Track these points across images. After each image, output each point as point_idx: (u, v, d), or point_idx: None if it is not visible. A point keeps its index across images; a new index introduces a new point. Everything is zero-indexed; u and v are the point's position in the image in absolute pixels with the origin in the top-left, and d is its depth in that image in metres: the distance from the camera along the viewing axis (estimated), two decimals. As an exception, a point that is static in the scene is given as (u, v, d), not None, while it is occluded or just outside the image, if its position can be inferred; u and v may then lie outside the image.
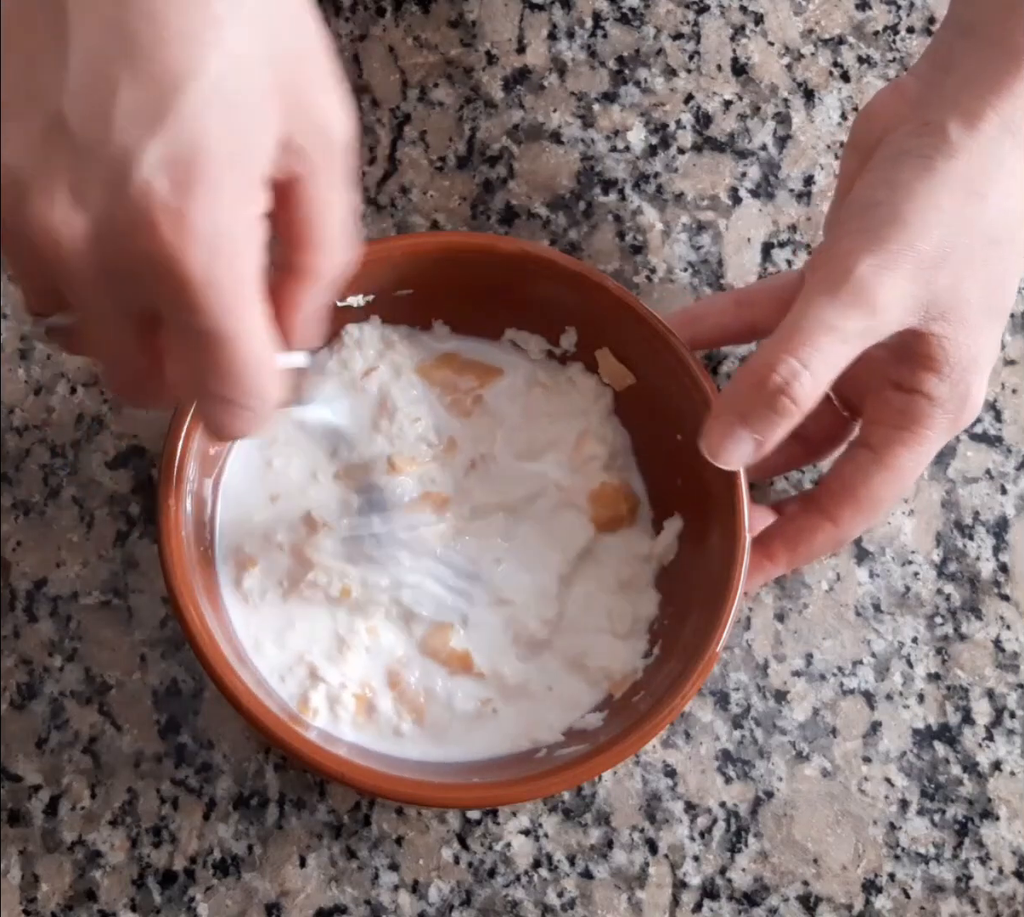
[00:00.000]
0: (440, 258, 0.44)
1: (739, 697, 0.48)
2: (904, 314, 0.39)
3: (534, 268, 0.44)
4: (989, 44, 0.40)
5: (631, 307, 0.44)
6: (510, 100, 0.53)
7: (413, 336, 0.48)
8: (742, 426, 0.39)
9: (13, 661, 0.47)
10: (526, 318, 0.47)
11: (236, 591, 0.45)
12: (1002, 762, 0.48)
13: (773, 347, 0.38)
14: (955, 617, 0.49)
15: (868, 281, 0.38)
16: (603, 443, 0.47)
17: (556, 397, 0.47)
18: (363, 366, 0.47)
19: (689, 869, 0.47)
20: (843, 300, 0.38)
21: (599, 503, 0.46)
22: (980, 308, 0.40)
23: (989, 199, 0.39)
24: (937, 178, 0.39)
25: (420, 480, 0.47)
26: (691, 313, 0.46)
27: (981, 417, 0.51)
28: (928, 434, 0.41)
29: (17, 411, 0.49)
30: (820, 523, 0.43)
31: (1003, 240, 0.40)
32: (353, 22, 0.53)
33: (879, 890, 0.47)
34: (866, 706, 0.49)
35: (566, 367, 0.47)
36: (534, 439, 0.47)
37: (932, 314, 0.39)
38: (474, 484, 0.47)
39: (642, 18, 0.53)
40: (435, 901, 0.47)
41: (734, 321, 0.45)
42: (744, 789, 0.48)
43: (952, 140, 0.39)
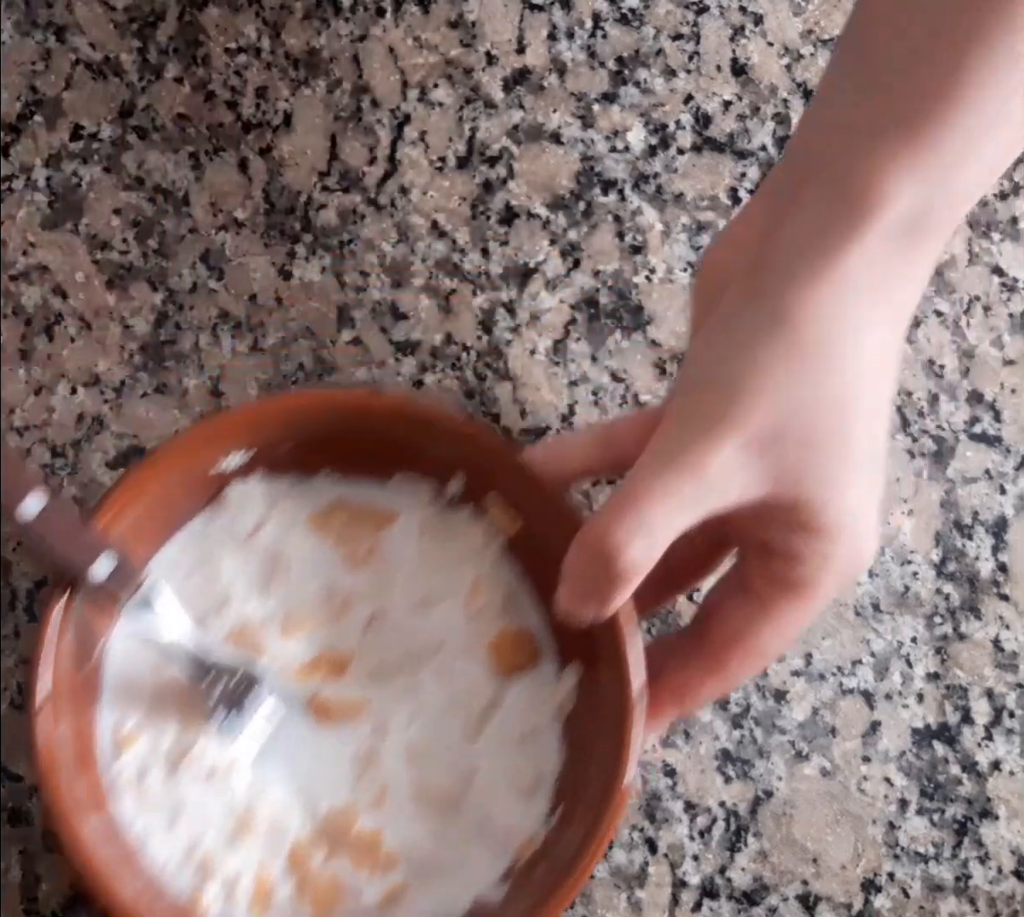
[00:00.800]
0: (318, 414, 0.44)
1: (738, 697, 0.48)
2: (747, 484, 0.37)
3: (412, 423, 0.44)
4: (827, 193, 0.37)
5: (509, 457, 0.43)
6: (510, 100, 0.53)
7: (301, 485, 0.46)
8: (583, 594, 0.39)
9: (13, 661, 0.47)
10: (413, 463, 0.45)
11: (121, 772, 0.43)
12: (1001, 762, 0.49)
13: (608, 513, 0.38)
14: (954, 617, 0.49)
15: (701, 453, 0.37)
16: (498, 588, 0.45)
17: (449, 542, 0.46)
18: (250, 524, 0.46)
19: (689, 868, 0.47)
20: (676, 470, 0.37)
21: (499, 651, 0.45)
22: (841, 467, 0.38)
23: (831, 364, 0.37)
24: (774, 347, 0.37)
25: (315, 641, 0.45)
26: (555, 450, 0.44)
27: (980, 417, 0.51)
28: (816, 592, 0.40)
29: (17, 411, 0.49)
30: (707, 675, 0.42)
31: (852, 401, 0.38)
32: (353, 22, 0.53)
33: (878, 889, 0.47)
34: (865, 706, 0.49)
35: (457, 511, 0.46)
36: (430, 587, 0.45)
37: (788, 481, 0.38)
38: (372, 640, 0.45)
39: (642, 19, 0.53)
40: (435, 900, 0.47)
41: (599, 460, 0.43)
42: (743, 788, 0.48)
43: (788, 304, 0.37)
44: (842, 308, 0.37)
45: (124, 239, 0.51)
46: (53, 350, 0.50)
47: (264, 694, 0.44)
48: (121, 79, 0.52)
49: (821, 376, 0.37)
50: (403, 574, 0.46)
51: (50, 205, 0.51)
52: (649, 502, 0.37)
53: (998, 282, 0.52)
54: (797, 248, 0.37)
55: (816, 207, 0.37)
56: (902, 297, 0.38)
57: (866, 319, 0.37)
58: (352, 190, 0.52)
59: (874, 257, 0.36)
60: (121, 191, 0.51)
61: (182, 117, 0.52)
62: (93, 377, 0.50)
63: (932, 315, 0.51)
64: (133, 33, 0.52)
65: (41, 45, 0.52)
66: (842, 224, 0.36)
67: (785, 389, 0.37)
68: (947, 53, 0.36)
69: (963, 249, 0.52)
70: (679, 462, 0.37)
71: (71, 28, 0.52)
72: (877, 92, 0.37)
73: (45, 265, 0.51)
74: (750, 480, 0.37)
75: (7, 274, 0.50)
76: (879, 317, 0.37)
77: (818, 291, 0.37)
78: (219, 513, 0.46)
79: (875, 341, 0.38)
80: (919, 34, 0.36)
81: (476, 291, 0.51)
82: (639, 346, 0.51)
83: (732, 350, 0.38)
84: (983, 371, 0.51)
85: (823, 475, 0.38)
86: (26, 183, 0.51)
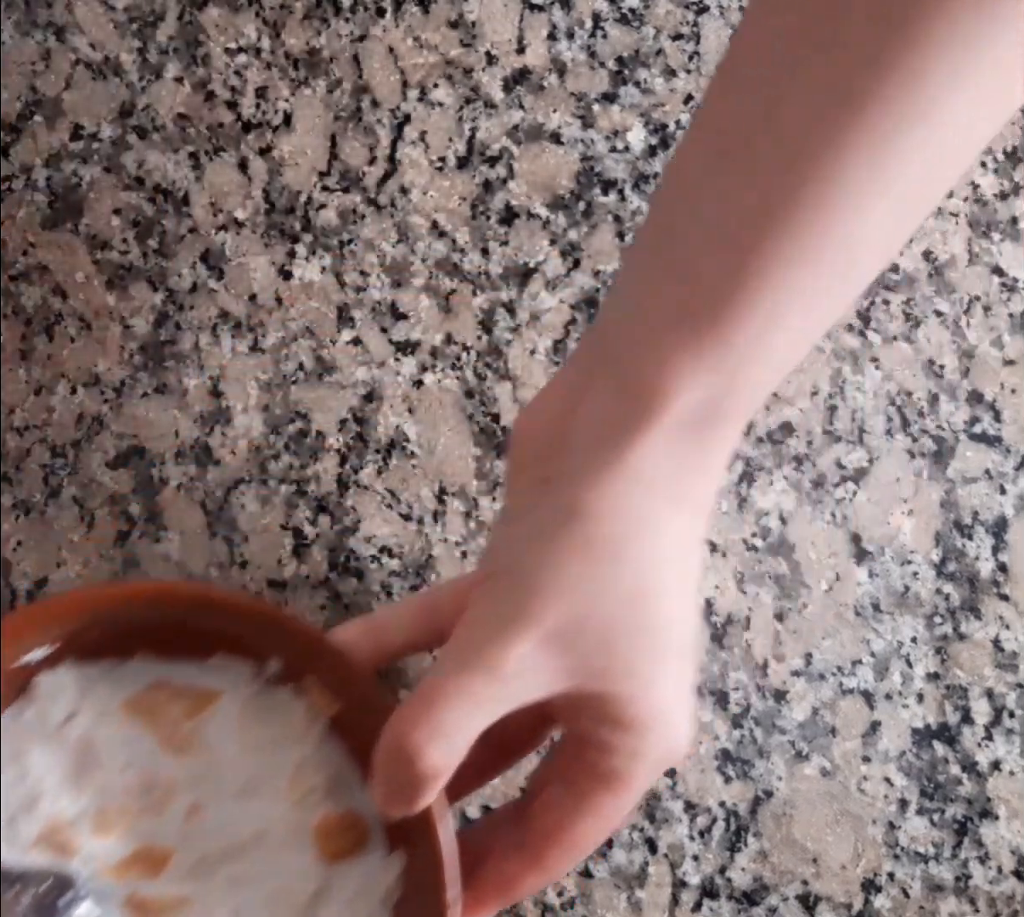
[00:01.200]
0: (124, 604, 0.43)
1: (738, 697, 0.48)
2: (550, 680, 0.37)
3: (216, 611, 0.43)
4: (617, 383, 0.36)
5: (319, 641, 0.43)
6: (510, 100, 0.53)
7: (115, 670, 0.44)
8: (388, 794, 0.39)
9: (13, 661, 0.47)
10: (230, 646, 0.44)
11: None
12: (1001, 762, 0.49)
13: (406, 715, 0.37)
14: (954, 617, 0.49)
15: (496, 653, 0.36)
16: (322, 770, 0.43)
17: (271, 723, 0.44)
18: (61, 714, 0.43)
19: (688, 868, 0.47)
20: (471, 670, 0.37)
21: (325, 836, 0.43)
22: (646, 660, 0.38)
23: (625, 558, 0.37)
24: (567, 542, 0.36)
25: (131, 836, 0.42)
26: (374, 623, 0.44)
27: (980, 417, 0.51)
28: (630, 784, 0.39)
29: (17, 411, 0.49)
30: (528, 869, 0.41)
31: (652, 593, 0.37)
32: (353, 22, 0.53)
33: (878, 889, 0.47)
34: (865, 706, 0.49)
35: (278, 691, 0.44)
36: (252, 773, 0.43)
37: (592, 675, 0.37)
38: (193, 833, 0.43)
39: (642, 19, 0.53)
40: (435, 900, 0.47)
41: (424, 633, 0.42)
42: (743, 789, 0.48)
43: (581, 498, 0.36)
44: (634, 502, 0.36)
45: (124, 239, 0.51)
46: (53, 350, 0.50)
47: (78, 897, 0.41)
48: (121, 79, 0.52)
49: (616, 570, 0.37)
50: (224, 760, 0.43)
51: (50, 205, 0.51)
52: (446, 704, 0.37)
53: (998, 282, 0.52)
54: (589, 438, 0.37)
55: (607, 397, 0.37)
56: (697, 488, 0.38)
57: (660, 512, 0.37)
58: (352, 190, 0.52)
59: (663, 451, 0.36)
60: (121, 191, 0.51)
61: (182, 117, 0.52)
62: (93, 377, 0.50)
63: (932, 315, 0.51)
64: (133, 33, 0.52)
65: (41, 45, 0.52)
66: (630, 418, 0.36)
67: (580, 585, 0.36)
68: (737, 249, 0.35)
69: (963, 249, 0.52)
70: (474, 662, 0.37)
71: (71, 28, 0.52)
72: (671, 280, 0.36)
73: (45, 265, 0.51)
74: (552, 676, 0.37)
75: (7, 274, 0.50)
76: (675, 509, 0.37)
77: (609, 485, 0.36)
78: (27, 706, 0.43)
79: (672, 532, 0.37)
80: (714, 219, 0.35)
81: (476, 291, 0.51)
82: (639, 346, 0.51)
83: (527, 543, 0.37)
84: (983, 371, 0.51)
85: (627, 669, 0.37)
86: (26, 183, 0.51)
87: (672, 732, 0.39)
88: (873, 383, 0.51)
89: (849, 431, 0.50)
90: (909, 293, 0.52)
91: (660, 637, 0.38)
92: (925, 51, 0.32)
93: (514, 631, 0.36)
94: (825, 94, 0.33)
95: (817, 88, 0.33)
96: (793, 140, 0.34)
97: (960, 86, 0.33)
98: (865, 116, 0.33)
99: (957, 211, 0.52)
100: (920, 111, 0.33)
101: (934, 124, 0.33)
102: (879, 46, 0.32)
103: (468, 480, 0.50)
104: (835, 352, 0.51)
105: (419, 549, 0.49)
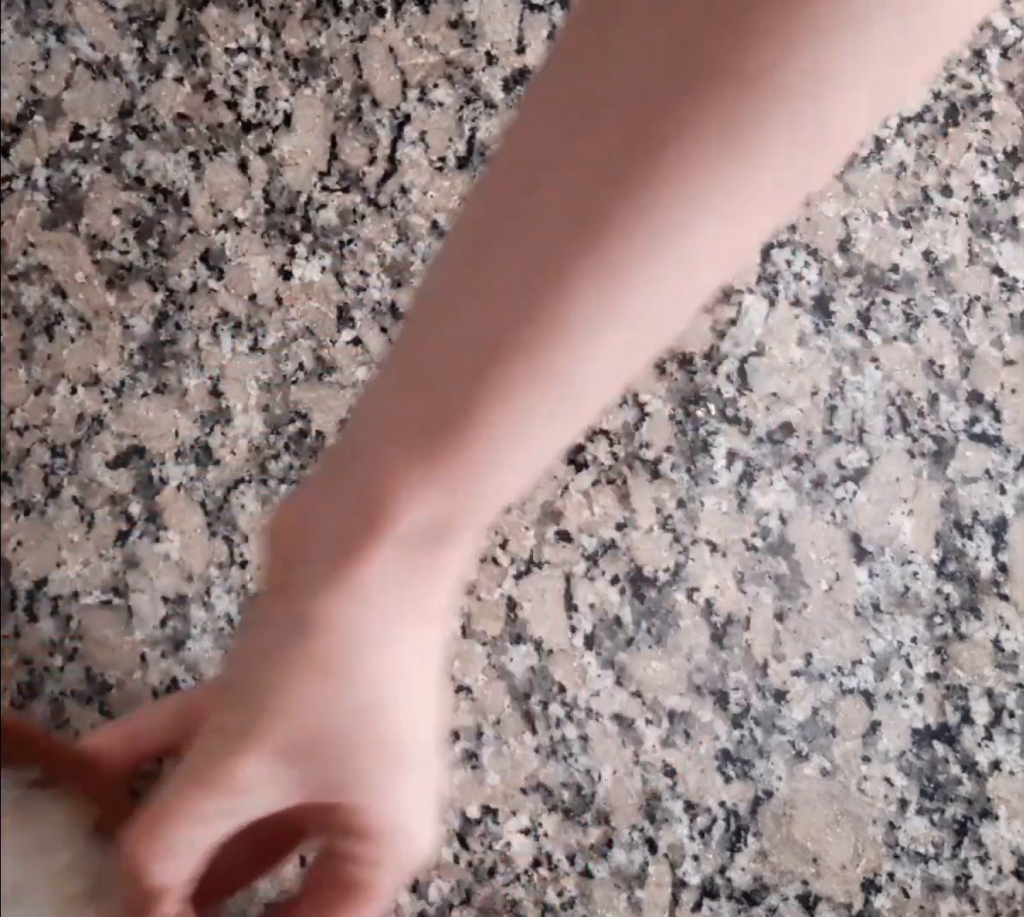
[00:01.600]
0: None
1: (738, 697, 0.48)
2: (284, 793, 0.37)
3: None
4: (350, 495, 0.36)
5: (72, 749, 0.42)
6: (510, 100, 0.53)
7: None
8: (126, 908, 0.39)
9: (13, 661, 0.47)
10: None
11: None
12: (1001, 762, 0.49)
13: (135, 830, 0.37)
14: (954, 617, 0.49)
15: (225, 769, 0.37)
16: (85, 876, 0.42)
17: (33, 831, 0.43)
18: None
19: (689, 868, 0.47)
20: (200, 786, 0.37)
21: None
22: (382, 770, 0.38)
23: (355, 672, 0.37)
24: (297, 656, 0.37)
25: None
26: (128, 727, 0.44)
27: (980, 417, 0.51)
28: (373, 893, 0.40)
29: (17, 411, 0.49)
30: None
31: (386, 705, 0.38)
32: (353, 22, 0.53)
33: (878, 889, 0.47)
34: (865, 706, 0.49)
35: (39, 797, 0.43)
36: (16, 880, 0.42)
37: (329, 787, 0.38)
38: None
39: (642, 18, 0.53)
40: (435, 900, 0.47)
41: (176, 733, 0.42)
42: (743, 789, 0.48)
43: (310, 612, 0.36)
44: (361, 616, 0.37)
45: (124, 239, 0.51)
46: (53, 350, 0.50)
47: None
48: (121, 79, 0.52)
49: (345, 685, 0.37)
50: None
51: (50, 205, 0.51)
52: (174, 820, 0.37)
53: (998, 282, 0.52)
54: (322, 550, 0.37)
55: (340, 507, 0.37)
56: (428, 600, 0.38)
57: (389, 625, 0.37)
58: (352, 190, 0.52)
59: (390, 567, 0.36)
60: (121, 191, 0.51)
61: (182, 117, 0.52)
62: (93, 377, 0.50)
63: (932, 315, 0.51)
64: (133, 33, 0.52)
65: (41, 45, 0.52)
66: (357, 533, 0.36)
67: (309, 701, 0.37)
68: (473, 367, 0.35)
69: (963, 249, 0.52)
70: (203, 778, 0.37)
71: (71, 28, 0.52)
72: (411, 392, 0.36)
73: (45, 265, 0.51)
74: (287, 789, 0.37)
75: (7, 274, 0.50)
76: (405, 622, 0.37)
77: (337, 599, 0.36)
78: None
79: (404, 645, 0.38)
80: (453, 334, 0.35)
81: (476, 291, 0.51)
82: (639, 346, 0.51)
83: (259, 657, 0.37)
84: (983, 371, 0.51)
85: (362, 781, 0.38)
86: (26, 183, 0.51)
87: (411, 841, 0.39)
88: (873, 383, 0.51)
89: (849, 431, 0.50)
90: (909, 293, 0.52)
91: (394, 749, 0.38)
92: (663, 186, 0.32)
93: (243, 748, 0.37)
94: (564, 215, 0.33)
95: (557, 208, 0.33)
96: (531, 261, 0.33)
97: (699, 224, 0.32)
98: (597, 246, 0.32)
99: (957, 211, 0.52)
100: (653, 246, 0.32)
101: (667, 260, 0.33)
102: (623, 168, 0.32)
103: (468, 480, 0.50)
104: (835, 352, 0.51)
105: (419, 549, 0.49)
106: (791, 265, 0.52)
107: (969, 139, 0.52)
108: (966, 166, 0.52)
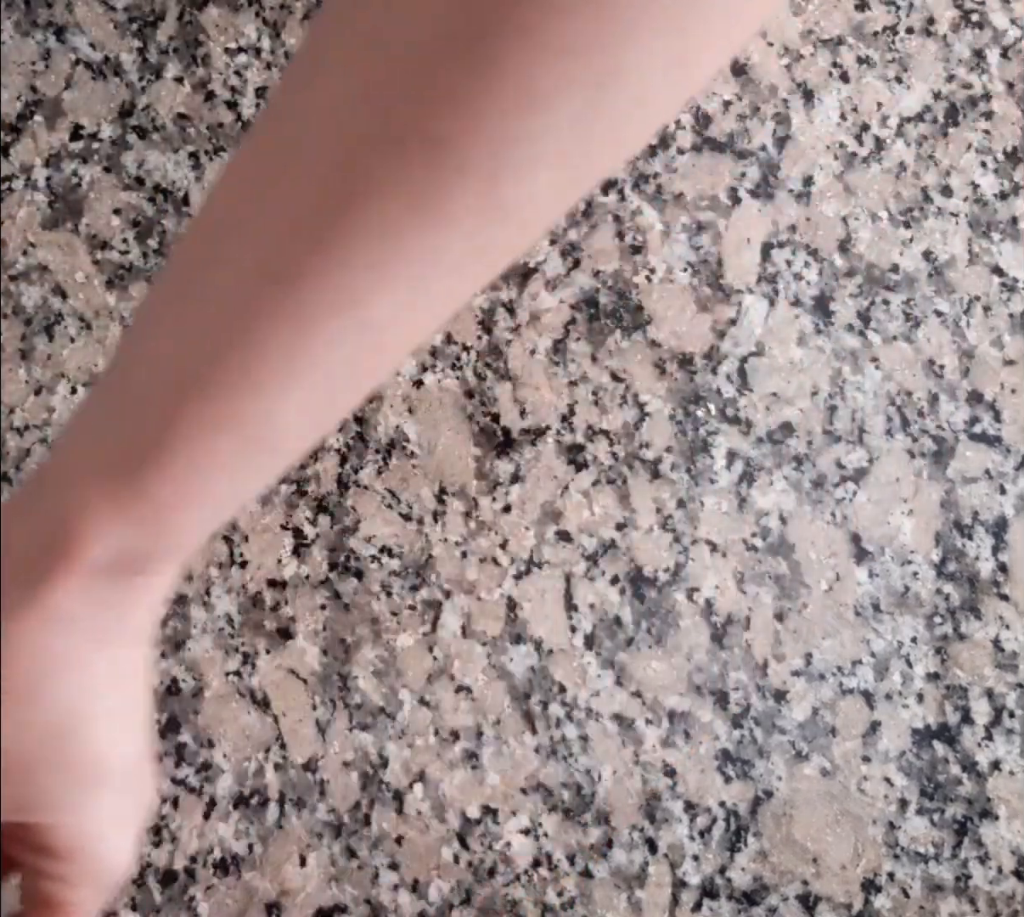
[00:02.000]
0: None
1: (738, 697, 0.48)
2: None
3: None
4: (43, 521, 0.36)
5: None
6: (510, 100, 0.53)
7: None
8: None
9: (13, 661, 0.47)
10: None
11: None
12: (1001, 762, 0.49)
13: None
14: (954, 617, 0.49)
15: None
16: None
17: None
18: None
19: (689, 868, 0.47)
20: None
21: None
22: (73, 791, 0.39)
23: (41, 697, 0.37)
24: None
25: None
26: None
27: (980, 417, 0.51)
28: (71, 909, 0.41)
29: (17, 411, 0.49)
30: None
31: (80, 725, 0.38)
32: (353, 22, 0.53)
33: (878, 889, 0.47)
34: (865, 706, 0.49)
35: None
36: None
37: (17, 808, 0.38)
38: None
39: (642, 18, 0.53)
40: (435, 900, 0.47)
41: None
42: (743, 789, 0.48)
43: (3, 638, 0.37)
44: (50, 641, 0.37)
45: (124, 239, 0.51)
46: (53, 350, 0.50)
47: None
48: (121, 79, 0.52)
49: (37, 707, 0.37)
50: None
51: (50, 205, 0.51)
52: None
53: (998, 282, 0.52)
54: (13, 574, 0.37)
55: (33, 532, 0.37)
56: (124, 625, 0.38)
57: (81, 649, 0.38)
58: (352, 190, 0.52)
59: (80, 593, 0.37)
60: (121, 191, 0.51)
61: (182, 117, 0.52)
62: (93, 377, 0.50)
63: (932, 315, 0.51)
64: (133, 33, 0.52)
65: (41, 45, 0.52)
66: (47, 558, 0.36)
67: (2, 722, 0.37)
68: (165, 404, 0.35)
69: (963, 249, 0.52)
70: None
71: (71, 28, 0.52)
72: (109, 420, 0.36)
73: (45, 265, 0.51)
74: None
75: (7, 274, 0.50)
76: (98, 646, 0.38)
77: (26, 624, 0.37)
78: None
79: (99, 668, 0.38)
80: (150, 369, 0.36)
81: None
82: (639, 346, 0.51)
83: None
84: (983, 371, 0.51)
85: (52, 801, 0.39)
86: (26, 183, 0.51)
87: (102, 859, 0.40)
88: (873, 383, 0.51)
89: (849, 431, 0.50)
90: (909, 293, 0.52)
91: (89, 769, 0.39)
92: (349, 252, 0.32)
93: None
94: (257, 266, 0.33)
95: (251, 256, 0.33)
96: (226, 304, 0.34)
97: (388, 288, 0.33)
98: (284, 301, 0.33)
99: (957, 211, 0.52)
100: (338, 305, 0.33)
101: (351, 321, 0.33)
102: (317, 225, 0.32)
103: (468, 480, 0.50)
104: (835, 352, 0.51)
105: (419, 549, 0.49)
106: (791, 265, 0.52)
107: (969, 139, 0.52)
108: (966, 166, 0.52)
